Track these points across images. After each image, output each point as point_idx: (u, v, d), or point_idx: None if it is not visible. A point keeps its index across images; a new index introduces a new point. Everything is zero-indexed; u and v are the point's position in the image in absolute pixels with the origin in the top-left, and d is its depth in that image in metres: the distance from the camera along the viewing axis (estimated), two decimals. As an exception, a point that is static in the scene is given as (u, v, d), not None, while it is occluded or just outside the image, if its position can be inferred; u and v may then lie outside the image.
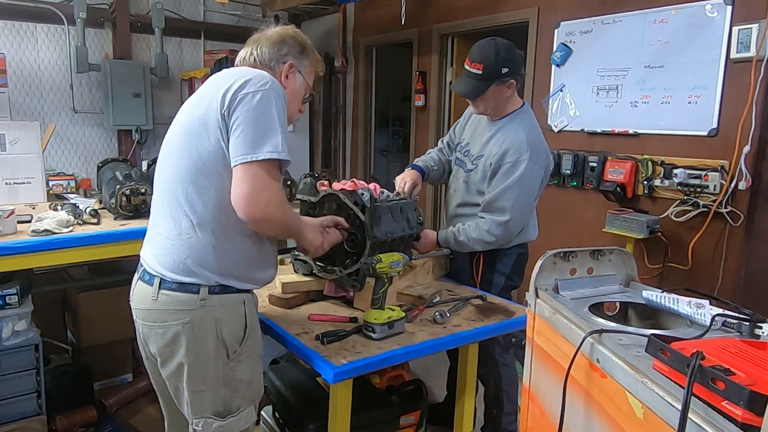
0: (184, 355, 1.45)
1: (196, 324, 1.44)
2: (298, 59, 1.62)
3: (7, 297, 2.22)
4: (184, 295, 1.44)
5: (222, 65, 4.74)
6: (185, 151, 1.45)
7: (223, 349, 1.47)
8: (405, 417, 2.10)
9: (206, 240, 1.44)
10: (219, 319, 1.46)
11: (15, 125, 2.91)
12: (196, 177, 1.43)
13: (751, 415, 0.73)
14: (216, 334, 1.45)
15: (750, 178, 2.43)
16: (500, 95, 2.12)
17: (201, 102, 1.48)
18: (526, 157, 2.05)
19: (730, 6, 2.47)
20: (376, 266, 1.63)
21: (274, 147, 1.38)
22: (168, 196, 1.48)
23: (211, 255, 1.44)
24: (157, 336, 1.47)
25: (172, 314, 1.44)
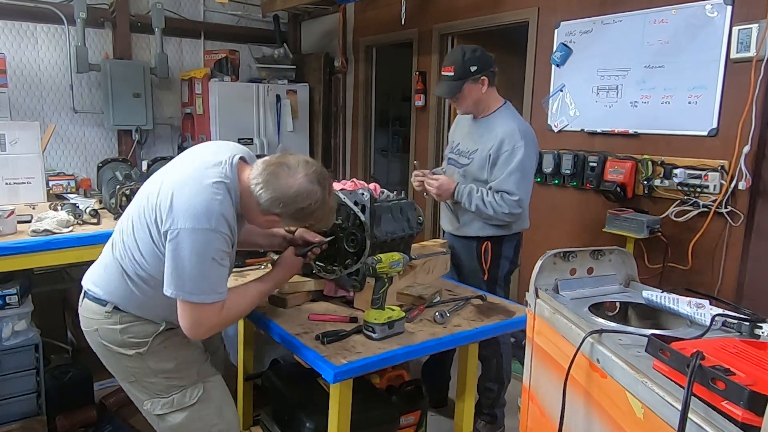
0: (100, 355, 1.67)
1: (102, 330, 1.62)
2: (288, 221, 1.58)
3: (7, 297, 2.22)
4: (94, 305, 1.62)
5: (222, 65, 4.76)
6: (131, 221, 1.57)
7: (133, 347, 1.62)
8: (405, 417, 2.10)
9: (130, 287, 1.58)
10: (123, 329, 1.61)
11: (15, 125, 2.91)
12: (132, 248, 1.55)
13: (751, 415, 0.73)
14: (121, 338, 1.61)
15: (750, 178, 2.43)
16: (476, 92, 2.34)
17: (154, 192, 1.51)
18: (521, 144, 2.25)
19: (730, 6, 2.47)
20: (376, 266, 1.63)
21: (201, 292, 1.45)
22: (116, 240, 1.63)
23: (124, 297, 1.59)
24: (86, 336, 1.68)
25: (86, 320, 1.65)
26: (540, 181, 3.36)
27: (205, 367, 1.74)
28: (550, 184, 3.30)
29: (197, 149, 1.64)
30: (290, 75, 5.02)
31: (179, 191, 1.46)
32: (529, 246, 3.54)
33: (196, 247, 1.42)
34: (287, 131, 4.89)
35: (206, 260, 1.44)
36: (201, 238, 1.42)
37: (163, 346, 1.64)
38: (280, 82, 4.90)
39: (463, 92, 2.32)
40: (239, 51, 5.03)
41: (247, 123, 4.66)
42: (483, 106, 2.39)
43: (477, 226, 2.41)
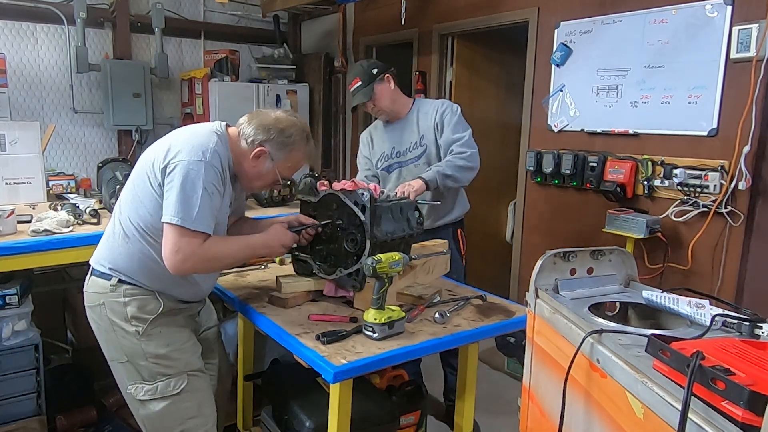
0: (101, 332, 1.74)
1: (107, 305, 1.70)
2: (275, 150, 1.74)
3: (7, 297, 2.22)
4: (101, 281, 1.71)
5: (222, 65, 4.75)
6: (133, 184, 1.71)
7: (132, 327, 1.70)
8: (405, 417, 2.10)
9: (132, 248, 1.68)
10: (126, 302, 1.69)
11: (15, 125, 2.91)
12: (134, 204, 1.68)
13: (751, 415, 0.73)
14: (121, 314, 1.69)
15: (750, 178, 2.43)
16: (387, 90, 2.57)
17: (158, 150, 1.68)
18: (450, 104, 2.59)
19: (730, 6, 2.47)
20: (376, 266, 1.62)
21: (184, 216, 1.56)
22: (116, 210, 1.76)
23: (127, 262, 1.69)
24: (88, 315, 1.76)
25: (92, 296, 1.73)
26: (540, 181, 3.37)
27: (194, 359, 1.80)
28: (550, 184, 3.31)
29: (186, 127, 1.79)
30: (290, 75, 5.01)
31: (177, 137, 1.68)
32: (529, 246, 3.55)
33: (190, 174, 1.58)
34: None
35: (197, 188, 1.57)
36: (194, 167, 1.58)
37: (158, 331, 1.72)
38: (280, 82, 4.90)
39: (376, 94, 2.53)
40: (239, 51, 5.03)
41: (247, 123, 4.65)
42: (400, 104, 2.62)
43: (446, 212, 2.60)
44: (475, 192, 2.92)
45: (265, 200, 2.84)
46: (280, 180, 1.81)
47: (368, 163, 2.73)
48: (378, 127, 2.75)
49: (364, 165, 2.75)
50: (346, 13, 4.87)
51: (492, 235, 4.27)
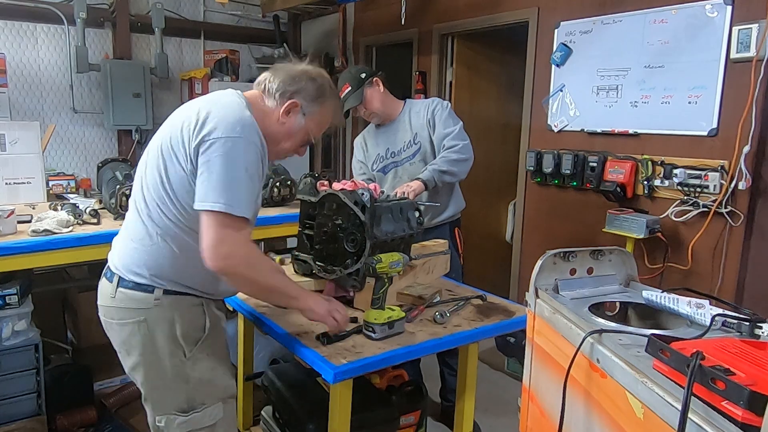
0: (139, 353, 1.50)
1: (150, 322, 1.48)
2: (307, 102, 1.56)
3: (7, 297, 2.22)
4: (140, 294, 1.48)
5: (222, 65, 4.75)
6: (156, 169, 1.47)
7: (179, 348, 1.50)
8: (405, 417, 2.10)
9: (166, 250, 1.48)
10: (173, 320, 1.49)
11: (15, 125, 2.91)
12: (162, 195, 1.46)
13: (751, 415, 0.73)
14: (169, 333, 1.49)
15: (750, 178, 2.43)
16: (377, 93, 2.60)
17: (178, 124, 1.47)
18: (440, 101, 2.63)
19: (730, 6, 2.47)
20: (376, 266, 1.63)
21: (228, 201, 1.37)
22: (138, 203, 1.52)
23: (168, 264, 1.48)
24: (114, 332, 1.53)
25: (128, 312, 1.49)
26: (540, 181, 3.37)
27: (232, 383, 1.63)
28: (550, 184, 3.30)
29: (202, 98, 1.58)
30: (290, 75, 5.01)
31: (202, 108, 1.44)
32: (529, 246, 3.55)
33: (230, 153, 1.38)
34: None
35: (238, 169, 1.39)
36: (233, 145, 1.38)
37: (206, 353, 1.54)
38: (280, 82, 4.89)
39: (366, 97, 2.57)
40: (239, 51, 5.03)
41: (247, 123, 4.65)
42: (390, 106, 2.65)
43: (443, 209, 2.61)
44: (475, 192, 2.92)
45: (266, 200, 2.84)
46: (311, 138, 1.62)
47: (363, 167, 2.74)
48: (371, 131, 2.77)
49: (358, 169, 2.76)
50: (346, 13, 4.87)
51: (492, 235, 4.27)
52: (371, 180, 2.69)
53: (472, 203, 2.81)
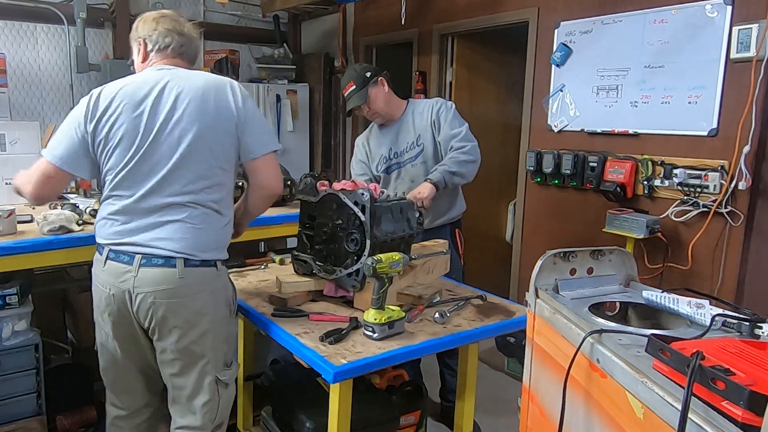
0: (209, 321, 1.69)
1: (217, 292, 1.72)
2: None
3: (7, 297, 2.22)
4: (207, 269, 1.68)
5: (222, 65, 4.75)
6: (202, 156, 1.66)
7: (229, 309, 1.78)
8: (405, 417, 2.10)
9: (219, 223, 1.72)
10: (226, 286, 1.77)
11: (15, 125, 2.91)
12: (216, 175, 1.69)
13: (751, 415, 0.73)
14: (225, 297, 1.76)
15: (750, 178, 2.43)
16: (382, 93, 2.59)
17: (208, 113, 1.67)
18: (444, 101, 2.63)
19: (730, 6, 2.47)
20: (376, 266, 1.62)
21: (275, 140, 1.80)
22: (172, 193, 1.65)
23: (220, 235, 1.72)
24: (185, 308, 1.65)
25: (198, 286, 1.66)
26: (540, 181, 3.37)
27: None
28: (550, 184, 3.31)
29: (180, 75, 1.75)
30: (290, 75, 5.01)
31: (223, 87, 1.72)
32: (529, 246, 3.55)
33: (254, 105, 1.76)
34: (287, 131, 4.89)
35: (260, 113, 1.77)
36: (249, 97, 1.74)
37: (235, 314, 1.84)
38: (280, 82, 4.90)
39: (370, 97, 2.56)
40: (239, 51, 5.02)
41: (247, 123, 4.66)
42: (394, 105, 2.65)
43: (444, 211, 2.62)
44: (475, 192, 2.92)
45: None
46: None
47: (363, 168, 2.74)
48: (373, 132, 2.76)
49: (358, 170, 2.75)
50: (346, 13, 4.87)
51: (492, 235, 4.27)
52: (371, 180, 2.69)
53: (472, 203, 2.81)
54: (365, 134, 2.80)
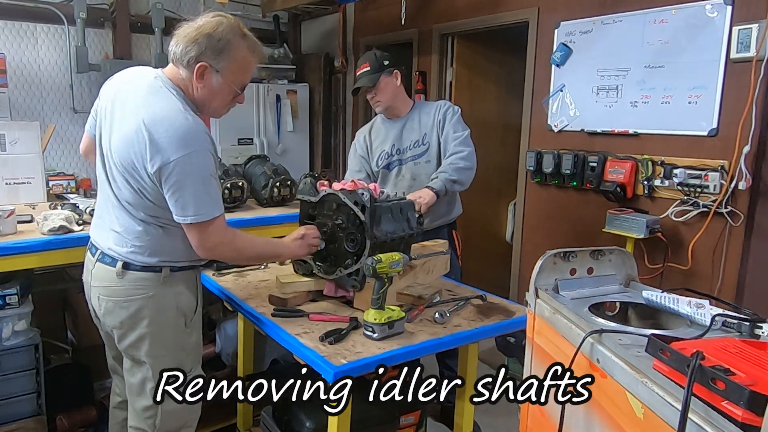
0: (146, 326, 1.64)
1: (158, 298, 1.63)
2: (214, 59, 1.56)
3: (7, 297, 2.22)
4: (149, 274, 1.62)
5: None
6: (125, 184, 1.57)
7: (182, 318, 1.69)
8: (405, 417, 2.10)
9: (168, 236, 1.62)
10: (178, 293, 1.67)
11: (15, 125, 2.91)
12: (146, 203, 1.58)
13: (751, 415, 0.73)
14: (176, 305, 1.67)
15: (750, 178, 2.43)
16: (392, 85, 2.59)
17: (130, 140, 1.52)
18: (451, 104, 2.64)
19: (730, 6, 2.47)
20: (376, 266, 1.62)
21: (201, 211, 1.52)
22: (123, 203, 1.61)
23: (170, 247, 1.63)
24: (122, 309, 1.63)
25: (136, 290, 1.62)
26: (540, 181, 3.37)
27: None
28: (550, 184, 3.31)
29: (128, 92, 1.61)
30: (290, 75, 5.02)
31: (148, 129, 1.48)
32: (529, 246, 3.55)
33: (189, 171, 1.49)
34: (287, 131, 4.89)
35: (201, 180, 1.51)
36: (189, 160, 1.48)
37: (197, 322, 1.75)
38: (280, 82, 4.90)
39: (380, 84, 2.55)
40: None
41: (247, 123, 4.66)
42: (400, 101, 2.64)
43: (442, 213, 2.61)
44: (475, 192, 2.92)
45: (265, 200, 2.83)
46: (239, 91, 1.66)
47: (362, 164, 2.73)
48: (376, 126, 2.75)
49: (355, 165, 2.75)
50: (346, 13, 4.87)
51: (492, 235, 4.27)
52: (369, 176, 2.70)
53: (472, 203, 2.82)
54: (366, 128, 2.80)
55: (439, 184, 2.40)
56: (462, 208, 2.77)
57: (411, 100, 2.73)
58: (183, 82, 1.59)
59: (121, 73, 1.70)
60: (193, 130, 1.50)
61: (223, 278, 2.19)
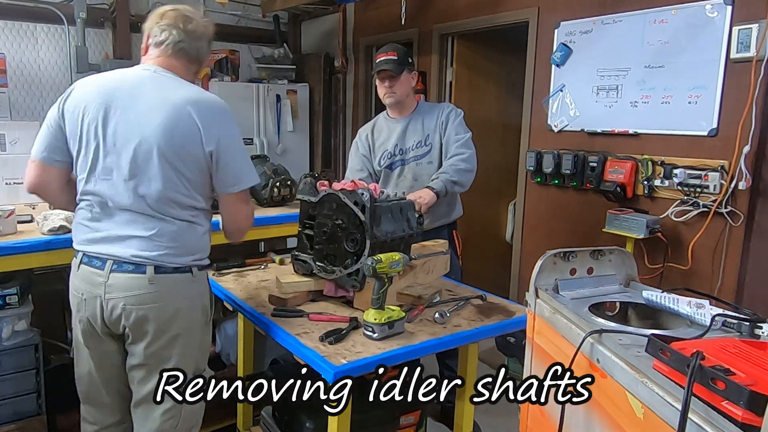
0: (180, 327, 1.64)
1: (191, 298, 1.66)
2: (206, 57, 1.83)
3: (7, 297, 2.22)
4: (181, 275, 1.63)
5: (222, 65, 4.75)
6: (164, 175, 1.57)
7: (206, 316, 1.72)
8: (405, 417, 2.10)
9: (196, 231, 1.66)
10: (202, 292, 1.70)
11: (15, 125, 2.91)
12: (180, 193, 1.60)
13: (751, 415, 0.73)
14: (201, 304, 1.70)
15: (750, 178, 2.43)
16: (409, 83, 2.63)
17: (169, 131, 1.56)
18: (454, 107, 2.67)
19: (730, 6, 2.47)
20: (376, 266, 1.63)
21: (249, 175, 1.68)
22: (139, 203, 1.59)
23: (197, 243, 1.66)
24: (158, 315, 1.60)
25: (172, 293, 1.62)
26: (540, 181, 3.37)
27: None
28: (550, 184, 3.30)
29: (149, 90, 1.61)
30: (290, 75, 5.02)
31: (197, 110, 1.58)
32: (529, 246, 3.55)
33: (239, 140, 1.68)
34: (287, 131, 4.89)
35: (241, 148, 1.68)
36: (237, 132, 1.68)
37: (212, 317, 1.77)
38: (280, 82, 4.90)
39: (402, 78, 2.57)
40: (239, 51, 5.02)
41: (247, 123, 4.66)
42: (409, 100, 2.68)
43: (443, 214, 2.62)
44: (475, 192, 2.92)
45: (265, 200, 2.83)
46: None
47: (364, 162, 2.73)
48: (378, 125, 2.76)
49: (357, 164, 2.75)
50: (346, 13, 4.87)
51: (492, 235, 4.27)
52: (370, 176, 2.71)
53: (472, 203, 2.82)
54: (369, 126, 2.80)
55: (439, 185, 2.41)
56: (462, 209, 2.78)
57: (415, 101, 2.75)
58: (183, 70, 1.70)
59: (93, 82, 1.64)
60: (225, 105, 1.67)
61: (223, 278, 2.19)
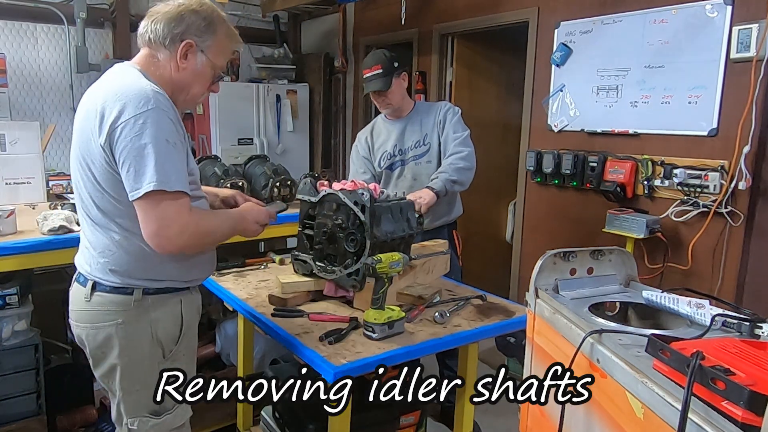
0: (116, 357, 1.45)
1: (129, 325, 1.43)
2: (199, 37, 1.45)
3: (7, 297, 2.22)
4: (118, 297, 1.43)
5: (222, 65, 4.74)
6: (86, 179, 1.40)
7: (159, 349, 1.47)
8: (405, 417, 2.11)
9: (135, 249, 1.41)
10: (154, 320, 1.45)
11: (15, 125, 2.91)
12: (107, 203, 1.40)
13: (751, 415, 0.73)
14: (151, 334, 1.45)
15: (750, 178, 2.43)
16: (401, 87, 2.61)
17: (86, 124, 1.39)
18: (452, 105, 2.66)
19: (730, 6, 2.47)
20: (376, 266, 1.62)
21: (160, 178, 1.29)
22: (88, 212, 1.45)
23: (141, 262, 1.42)
24: (90, 337, 1.46)
25: (105, 315, 1.43)
26: (540, 181, 3.37)
27: None
28: (550, 184, 3.30)
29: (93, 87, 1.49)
30: (290, 75, 5.02)
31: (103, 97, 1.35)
32: (529, 246, 3.55)
33: (145, 131, 1.28)
34: (287, 131, 4.89)
35: (159, 143, 1.29)
36: (144, 121, 1.29)
37: (182, 353, 1.52)
38: (280, 82, 4.90)
39: (393, 87, 2.54)
40: (239, 51, 5.02)
41: (247, 123, 4.66)
42: (406, 102, 2.67)
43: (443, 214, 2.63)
44: (475, 192, 2.92)
45: (266, 200, 2.84)
46: (218, 72, 1.55)
47: (366, 164, 2.74)
48: (377, 127, 2.77)
49: (359, 167, 2.75)
50: (346, 13, 4.87)
51: (492, 235, 4.27)
52: (374, 177, 2.71)
53: (472, 203, 2.82)
54: (367, 129, 2.81)
55: (439, 185, 2.41)
56: (462, 208, 2.78)
57: (412, 100, 2.75)
58: (157, 66, 1.46)
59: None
60: (148, 91, 1.33)
61: (223, 278, 2.19)
